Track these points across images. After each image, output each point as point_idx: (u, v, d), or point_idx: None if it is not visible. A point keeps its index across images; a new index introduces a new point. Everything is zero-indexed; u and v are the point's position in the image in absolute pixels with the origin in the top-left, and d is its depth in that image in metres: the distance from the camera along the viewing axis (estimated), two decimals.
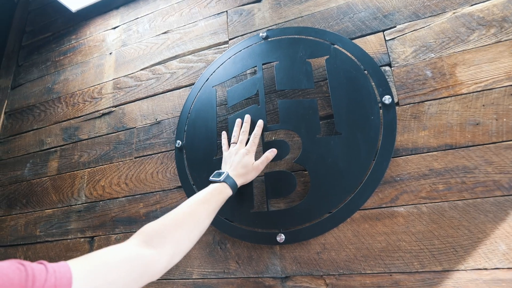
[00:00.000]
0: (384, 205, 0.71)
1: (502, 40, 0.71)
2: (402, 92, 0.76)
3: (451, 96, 0.72)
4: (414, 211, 0.68)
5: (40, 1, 1.57)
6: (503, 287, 0.59)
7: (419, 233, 0.66)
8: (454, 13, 0.77)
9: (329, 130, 0.79)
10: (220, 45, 1.02)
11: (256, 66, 0.89)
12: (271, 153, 0.79)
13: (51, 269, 0.39)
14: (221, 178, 0.72)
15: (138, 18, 1.23)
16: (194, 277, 0.82)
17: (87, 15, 1.36)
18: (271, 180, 0.79)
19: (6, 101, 1.43)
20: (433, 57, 0.76)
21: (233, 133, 0.83)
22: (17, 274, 0.35)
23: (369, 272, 0.68)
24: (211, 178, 0.74)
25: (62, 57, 1.36)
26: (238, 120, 0.84)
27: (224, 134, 0.86)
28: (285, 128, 0.81)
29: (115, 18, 1.29)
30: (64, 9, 1.37)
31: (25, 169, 1.23)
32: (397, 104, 0.75)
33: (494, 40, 0.72)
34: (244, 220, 0.79)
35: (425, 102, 0.74)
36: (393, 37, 0.81)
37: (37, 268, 0.38)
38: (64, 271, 0.40)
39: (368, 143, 0.72)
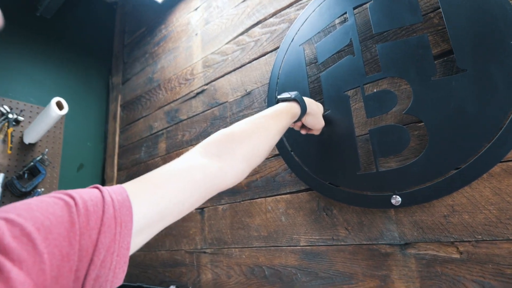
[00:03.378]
0: None
1: None
2: None
3: None
4: None
5: (133, 1, 1.72)
6: None
7: None
8: None
9: (447, 70, 0.64)
10: (302, 0, 0.93)
11: (346, 13, 0.79)
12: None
13: (107, 196, 0.34)
14: (293, 95, 0.66)
15: None
16: (301, 244, 0.81)
17: (172, 3, 1.42)
18: (377, 136, 0.69)
19: (120, 96, 1.63)
20: None
21: None
22: (66, 211, 0.30)
23: None
24: (279, 96, 0.68)
25: (156, 48, 1.47)
26: None
27: None
28: (388, 75, 0.70)
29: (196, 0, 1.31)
30: (152, 3, 1.47)
31: (141, 153, 1.40)
32: None
33: None
34: (350, 183, 0.72)
35: None
36: None
37: (90, 197, 0.33)
38: (122, 198, 0.35)
39: (508, 77, 0.56)
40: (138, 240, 0.36)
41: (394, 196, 0.65)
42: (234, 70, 1.08)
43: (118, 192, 0.35)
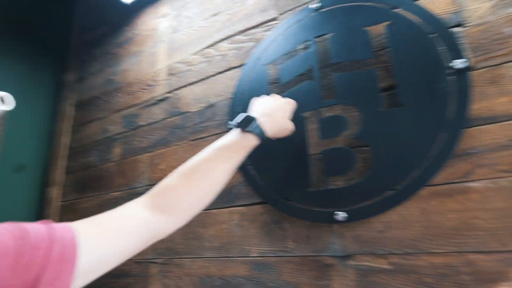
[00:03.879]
0: (455, 181, 0.64)
1: None
2: (477, 55, 0.68)
3: None
4: (492, 186, 0.61)
5: None
6: None
7: (498, 210, 0.60)
8: None
9: (391, 102, 0.74)
10: (269, 22, 1.00)
11: (309, 41, 0.86)
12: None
13: (56, 233, 0.34)
14: (250, 127, 0.62)
15: (187, 3, 1.24)
16: (252, 255, 0.84)
17: (139, 5, 1.41)
18: (328, 157, 0.76)
19: (73, 94, 1.56)
20: None
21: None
22: (13, 243, 0.30)
23: (439, 251, 0.63)
24: (235, 122, 0.64)
25: (119, 49, 1.44)
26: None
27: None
28: (342, 103, 0.78)
29: (165, 6, 1.32)
30: (117, 2, 1.44)
31: (93, 156, 1.34)
32: (471, 68, 0.68)
33: None
34: (302, 199, 0.78)
35: (505, 65, 0.65)
36: None
37: (39, 231, 0.33)
38: (70, 237, 0.35)
39: (437, 114, 0.66)
40: (78, 283, 0.36)
41: (339, 212, 0.71)
42: (199, 81, 1.10)
43: (66, 230, 0.36)
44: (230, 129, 0.67)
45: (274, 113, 0.69)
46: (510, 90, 0.63)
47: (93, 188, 1.29)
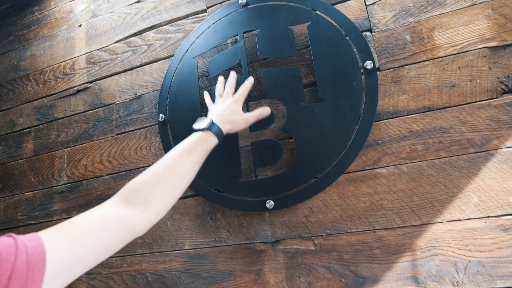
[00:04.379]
0: (367, 168, 0.74)
1: (477, 3, 0.73)
2: (383, 57, 0.77)
3: (429, 60, 0.74)
4: (395, 172, 0.72)
5: None
6: (475, 235, 0.64)
7: (400, 191, 0.70)
8: None
9: (313, 97, 0.80)
10: (198, 14, 0.98)
11: (237, 35, 0.87)
12: (265, 110, 0.77)
13: (21, 243, 0.35)
14: (205, 125, 0.68)
15: None
16: (186, 248, 0.84)
17: None
18: (257, 149, 0.80)
19: None
20: (412, 21, 0.77)
21: (217, 87, 0.79)
22: None
23: (355, 230, 0.72)
24: (194, 126, 0.70)
25: (26, 31, 1.26)
26: (221, 77, 0.81)
27: (206, 93, 0.83)
28: (269, 97, 0.81)
29: None
30: None
31: None
32: (378, 69, 0.77)
33: (469, 3, 0.73)
34: (233, 190, 0.80)
35: (405, 67, 0.76)
36: (373, 1, 0.81)
37: (5, 243, 0.34)
38: (36, 245, 0.36)
39: (352, 109, 0.74)
40: (51, 287, 0.36)
41: (268, 200, 0.76)
42: (124, 71, 1.04)
43: (32, 239, 0.37)
44: (161, 121, 0.75)
45: (225, 112, 0.73)
46: (408, 89, 0.74)
47: None
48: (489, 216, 0.64)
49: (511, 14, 0.70)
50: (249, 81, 0.79)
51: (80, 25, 1.16)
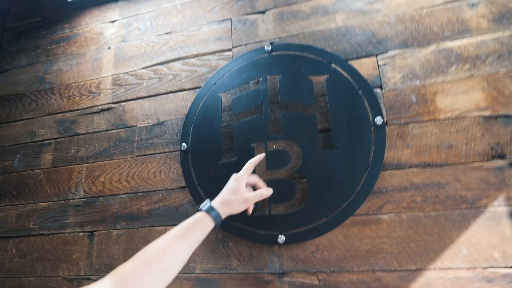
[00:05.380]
0: (370, 212, 0.82)
1: (474, 75, 0.83)
2: (391, 114, 0.87)
3: (431, 121, 0.84)
4: (396, 219, 0.80)
5: None
6: (463, 283, 0.72)
7: (399, 237, 0.79)
8: (437, 46, 0.88)
9: (326, 143, 0.88)
10: (224, 52, 1.07)
11: (261, 78, 0.96)
12: (268, 191, 0.81)
13: None
14: (204, 207, 0.73)
15: (138, 14, 1.23)
16: (196, 272, 0.90)
17: (83, 4, 1.34)
18: (272, 186, 0.87)
19: None
20: (418, 84, 0.87)
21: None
22: None
23: (356, 269, 0.79)
24: (200, 206, 0.74)
25: (54, 46, 1.33)
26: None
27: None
28: (287, 139, 0.90)
29: (114, 11, 1.28)
30: None
31: (15, 160, 1.22)
32: (386, 123, 0.86)
33: (468, 74, 0.84)
34: (246, 222, 0.87)
35: (409, 124, 0.85)
36: (385, 62, 0.91)
37: None
38: None
39: (362, 157, 0.83)
40: None
41: (280, 235, 0.83)
42: (148, 97, 1.11)
43: None
44: (183, 150, 0.91)
45: (223, 191, 0.78)
46: (411, 144, 0.83)
47: (13, 197, 1.17)
48: (475, 267, 0.72)
49: (503, 89, 0.81)
50: (259, 157, 0.83)
51: (109, 48, 1.23)
